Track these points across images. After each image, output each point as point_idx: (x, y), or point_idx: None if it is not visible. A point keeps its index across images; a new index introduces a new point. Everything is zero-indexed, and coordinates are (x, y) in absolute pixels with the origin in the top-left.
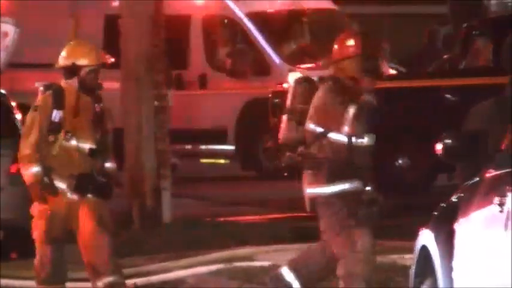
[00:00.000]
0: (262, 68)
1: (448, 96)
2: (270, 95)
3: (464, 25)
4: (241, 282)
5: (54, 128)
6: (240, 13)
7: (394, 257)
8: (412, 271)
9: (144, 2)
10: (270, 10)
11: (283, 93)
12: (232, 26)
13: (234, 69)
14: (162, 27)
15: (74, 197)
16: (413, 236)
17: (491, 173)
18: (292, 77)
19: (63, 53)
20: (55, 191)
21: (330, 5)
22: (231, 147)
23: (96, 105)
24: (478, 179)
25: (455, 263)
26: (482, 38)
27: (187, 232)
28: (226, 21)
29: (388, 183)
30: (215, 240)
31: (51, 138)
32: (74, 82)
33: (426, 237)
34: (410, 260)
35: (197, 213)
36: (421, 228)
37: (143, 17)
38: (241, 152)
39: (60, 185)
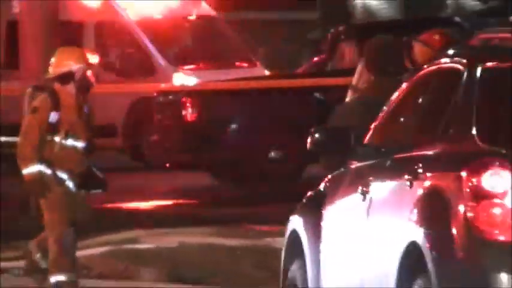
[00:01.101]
0: (148, 69)
1: (316, 95)
2: (154, 94)
3: (331, 30)
4: (128, 263)
5: (52, 128)
6: (129, 19)
7: (268, 240)
8: (283, 253)
9: (42, 8)
10: (156, 16)
11: (167, 93)
12: (122, 31)
13: (122, 70)
14: (58, 31)
15: (73, 188)
16: (285, 221)
17: (354, 165)
18: (177, 77)
19: (55, 61)
20: (60, 182)
21: (210, 12)
22: (121, 141)
23: (85, 105)
24: (342, 170)
25: (322, 245)
26: (347, 42)
27: None
28: (116, 26)
29: (263, 174)
30: (104, 224)
31: (48, 137)
32: (71, 86)
33: (296, 223)
34: (281, 242)
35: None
36: (292, 214)
37: (40, 21)
38: (130, 145)
39: (63, 175)
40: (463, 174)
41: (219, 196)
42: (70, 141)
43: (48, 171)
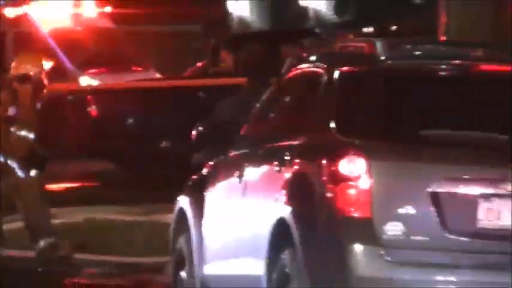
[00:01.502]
0: (61, 73)
1: (200, 93)
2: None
3: (213, 40)
4: None
5: (10, 121)
6: (42, 30)
7: (160, 216)
8: (172, 228)
9: None
10: (66, 28)
11: (74, 92)
12: (37, 40)
13: None
14: None
15: (22, 174)
16: (174, 200)
17: (232, 153)
18: (83, 79)
19: (15, 64)
20: (7, 169)
21: (110, 24)
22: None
23: (37, 102)
24: (222, 157)
25: (204, 221)
26: (226, 50)
27: None
28: (32, 35)
29: (156, 161)
30: None
31: (4, 128)
32: (28, 86)
33: (183, 202)
34: (171, 219)
35: None
36: (179, 194)
37: None
38: (43, 136)
39: (13, 164)
40: (324, 161)
41: (120, 179)
42: (23, 132)
43: (1, 159)
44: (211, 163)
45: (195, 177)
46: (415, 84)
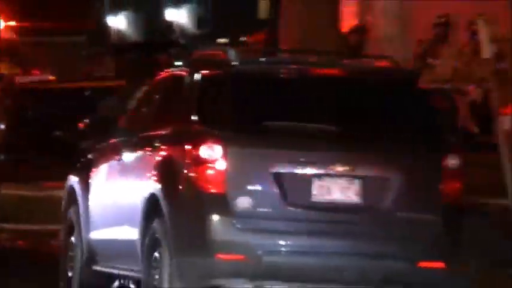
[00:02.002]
0: None
1: (87, 93)
2: None
3: (97, 49)
4: None
5: None
6: None
7: (55, 192)
8: (64, 201)
9: None
10: None
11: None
12: None
13: None
14: None
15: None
16: (65, 179)
17: (113, 141)
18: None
19: None
20: None
21: (13, 36)
22: None
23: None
24: (104, 144)
25: (90, 196)
26: (107, 56)
27: None
28: None
29: (51, 147)
30: None
31: None
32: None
33: (73, 180)
34: (63, 194)
35: None
36: (70, 174)
37: None
38: None
39: None
40: (188, 147)
41: (26, 161)
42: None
43: None
44: (95, 149)
45: (82, 160)
46: (260, 85)
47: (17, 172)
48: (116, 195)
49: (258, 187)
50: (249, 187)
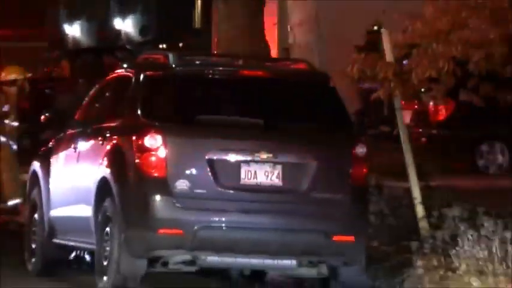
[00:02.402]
0: None
1: (47, 90)
2: None
3: (56, 53)
4: None
5: (3, 115)
6: None
7: (22, 175)
8: (28, 185)
9: None
10: None
11: None
12: None
13: None
14: None
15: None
16: (29, 164)
17: (69, 132)
18: None
19: (5, 72)
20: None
21: None
22: None
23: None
24: (62, 134)
25: (50, 179)
26: (65, 59)
27: None
28: None
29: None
30: None
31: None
32: (14, 88)
33: (35, 165)
34: (27, 177)
35: None
36: (34, 160)
37: None
38: None
39: (10, 142)
40: (134, 137)
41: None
42: (14, 123)
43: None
44: (55, 138)
45: (43, 148)
46: (195, 84)
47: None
48: (72, 178)
49: (194, 171)
50: (186, 171)
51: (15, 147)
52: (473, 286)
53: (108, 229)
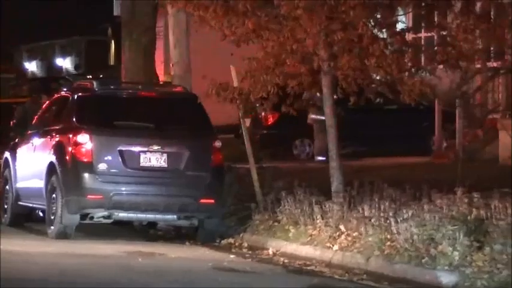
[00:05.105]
0: None
1: (14, 105)
2: None
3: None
4: None
5: None
6: None
7: None
8: (2, 166)
9: None
10: None
11: None
12: None
13: None
14: None
15: None
16: (2, 153)
17: (29, 132)
18: None
19: None
20: None
21: None
22: None
23: None
24: (24, 134)
25: (17, 162)
26: (26, 85)
27: None
28: None
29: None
30: None
31: None
32: None
33: (7, 154)
34: (0, 162)
35: None
36: (5, 150)
37: None
38: None
39: None
40: (71, 135)
41: None
42: None
43: None
44: (19, 136)
45: (12, 143)
46: (111, 101)
47: None
48: (31, 162)
49: (110, 158)
50: (105, 158)
51: None
52: (291, 232)
53: (54, 195)
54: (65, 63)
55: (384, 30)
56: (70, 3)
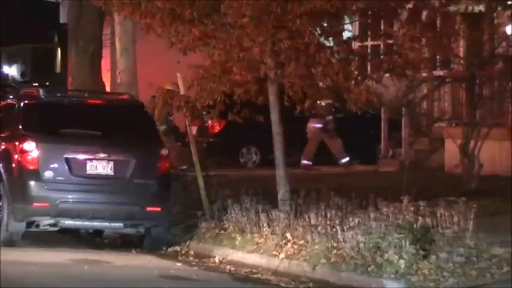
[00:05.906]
0: None
1: None
2: None
3: None
4: None
5: None
6: None
7: None
8: None
9: None
10: None
11: None
12: None
13: None
14: None
15: None
16: None
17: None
18: None
19: None
20: None
21: None
22: None
23: None
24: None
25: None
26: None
27: None
28: None
29: None
30: None
31: None
32: None
33: None
34: None
35: None
36: None
37: None
38: None
39: None
40: (17, 143)
41: None
42: None
43: None
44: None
45: None
46: (57, 108)
47: None
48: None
49: (56, 165)
50: (51, 165)
51: None
52: (237, 239)
53: (0, 203)
54: (11, 70)
55: (330, 38)
56: (16, 10)
